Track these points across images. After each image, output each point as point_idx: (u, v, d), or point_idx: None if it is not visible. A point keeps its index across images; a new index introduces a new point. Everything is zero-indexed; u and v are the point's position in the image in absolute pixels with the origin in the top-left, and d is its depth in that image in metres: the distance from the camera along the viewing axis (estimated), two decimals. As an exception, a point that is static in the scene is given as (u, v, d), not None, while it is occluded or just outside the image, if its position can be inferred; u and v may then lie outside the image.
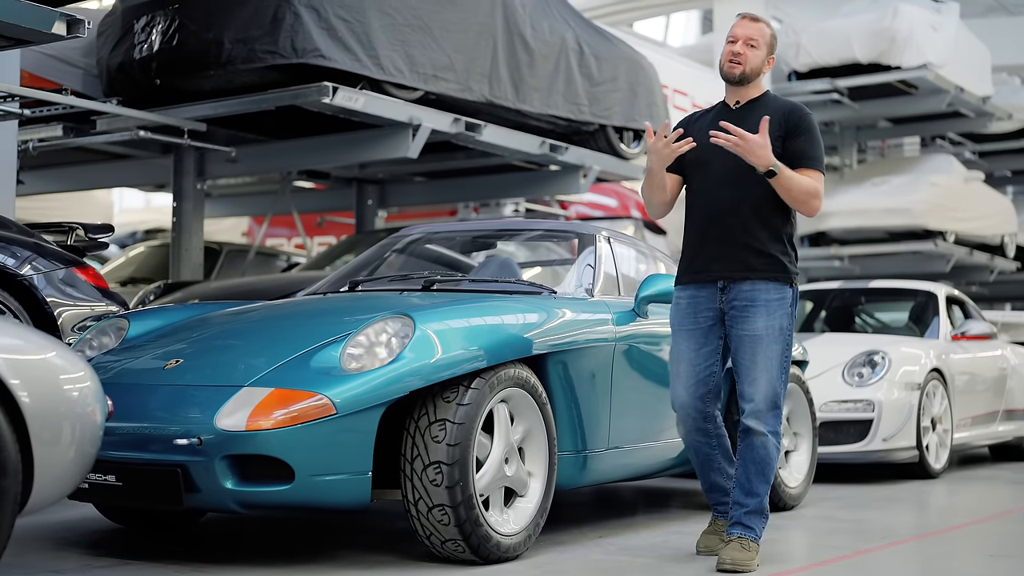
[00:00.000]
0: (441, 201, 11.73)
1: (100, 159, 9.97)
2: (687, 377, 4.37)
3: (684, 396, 4.38)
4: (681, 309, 4.42)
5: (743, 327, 4.28)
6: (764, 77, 4.43)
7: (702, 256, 4.36)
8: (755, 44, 4.33)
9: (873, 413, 7.35)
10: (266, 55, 7.02)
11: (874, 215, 15.03)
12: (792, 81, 15.58)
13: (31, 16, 5.52)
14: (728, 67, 4.35)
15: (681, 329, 4.40)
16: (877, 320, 9.82)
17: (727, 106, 4.44)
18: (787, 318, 4.30)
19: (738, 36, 4.35)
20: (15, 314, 5.24)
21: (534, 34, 8.56)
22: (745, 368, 4.29)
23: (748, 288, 4.27)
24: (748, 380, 4.29)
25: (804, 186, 4.21)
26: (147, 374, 4.30)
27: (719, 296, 4.32)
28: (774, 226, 4.30)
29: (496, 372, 4.21)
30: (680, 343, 4.40)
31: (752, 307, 4.27)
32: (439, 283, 5.17)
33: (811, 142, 4.31)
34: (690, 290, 4.39)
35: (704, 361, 4.36)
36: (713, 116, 4.44)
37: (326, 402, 3.86)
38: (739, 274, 4.29)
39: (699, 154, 4.32)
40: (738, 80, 4.34)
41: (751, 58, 4.34)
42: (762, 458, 4.30)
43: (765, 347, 4.26)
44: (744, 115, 4.33)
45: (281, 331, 4.51)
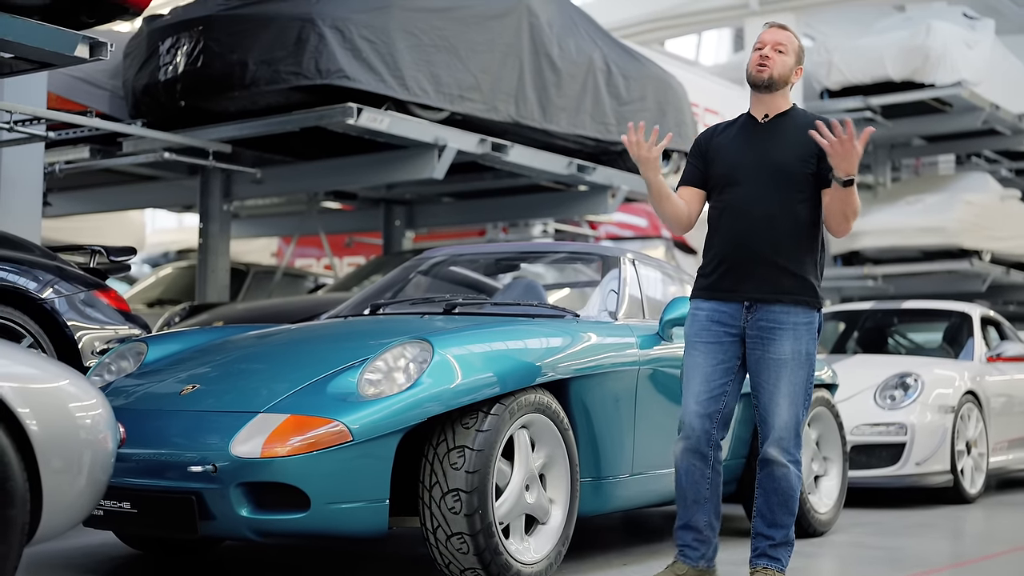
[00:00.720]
0: (469, 222, 11.69)
1: (128, 180, 10.01)
2: (699, 392, 4.15)
3: (692, 411, 4.15)
4: (700, 321, 4.22)
5: (768, 350, 4.12)
6: (791, 90, 4.30)
7: (731, 275, 4.17)
8: (783, 50, 4.20)
9: (906, 436, 7.22)
10: (290, 76, 7.01)
11: (908, 234, 14.85)
12: (824, 99, 15.46)
13: (54, 39, 5.52)
14: (756, 71, 4.19)
15: (699, 341, 4.20)
16: (910, 341, 9.68)
17: (753, 119, 4.28)
18: (813, 343, 4.17)
19: (766, 41, 4.23)
20: (35, 338, 5.22)
21: (561, 54, 8.51)
22: (768, 394, 4.13)
23: (779, 311, 4.12)
24: (771, 407, 4.13)
25: (856, 204, 4.07)
26: (164, 399, 4.26)
27: (743, 315, 4.16)
28: (806, 247, 4.16)
29: (516, 398, 4.14)
30: (696, 356, 4.19)
31: (780, 330, 4.12)
32: (460, 306, 5.10)
33: None
34: (711, 304, 4.21)
35: (720, 377, 4.16)
36: (739, 129, 4.30)
37: (342, 429, 3.81)
38: (771, 296, 4.12)
39: (726, 169, 4.21)
40: (766, 85, 4.18)
41: (779, 63, 4.19)
42: (784, 490, 4.15)
43: (790, 373, 4.11)
44: (772, 129, 4.22)
45: (299, 356, 4.46)
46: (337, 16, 7.04)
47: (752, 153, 4.18)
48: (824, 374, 6.10)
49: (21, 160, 7.02)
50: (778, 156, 4.15)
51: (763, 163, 4.15)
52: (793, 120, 4.22)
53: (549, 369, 4.34)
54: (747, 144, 4.21)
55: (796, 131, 4.16)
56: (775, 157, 4.15)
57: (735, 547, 4.85)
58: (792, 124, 4.19)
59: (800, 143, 4.12)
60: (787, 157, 4.13)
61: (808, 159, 4.10)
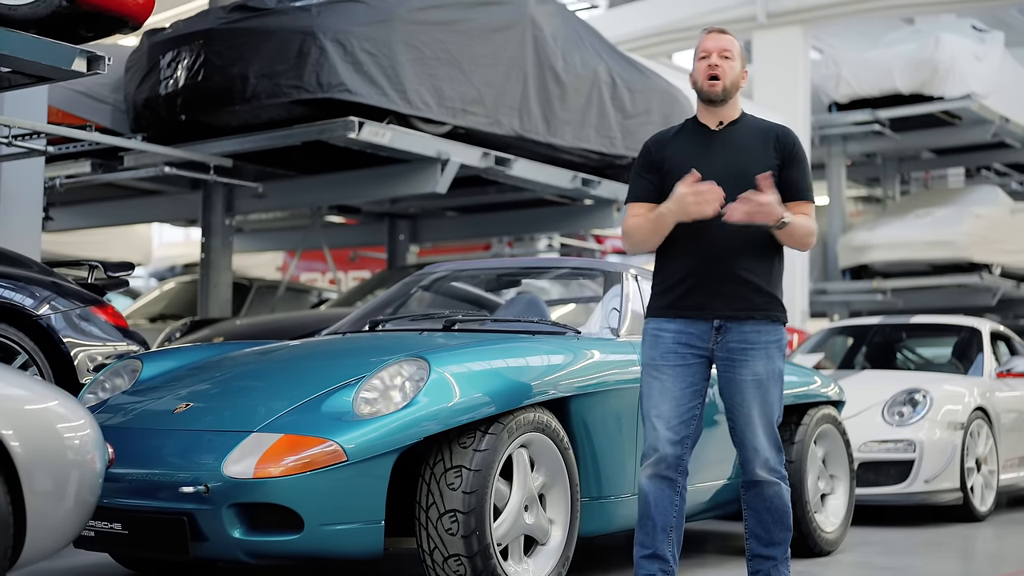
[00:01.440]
0: (473, 236, 11.64)
1: (131, 195, 9.97)
2: (670, 417, 3.95)
3: (664, 436, 3.95)
4: (664, 343, 3.99)
5: (740, 372, 3.95)
6: (739, 95, 4.08)
7: (699, 292, 3.97)
8: (729, 55, 4.00)
9: (914, 454, 7.12)
10: (291, 90, 6.96)
11: (917, 248, 14.78)
12: (833, 112, 15.44)
13: (51, 53, 5.47)
14: (709, 85, 3.97)
15: (665, 365, 3.98)
16: (919, 356, 9.58)
17: (703, 126, 4.06)
18: (783, 360, 4.04)
19: (710, 49, 3.99)
20: (30, 355, 5.17)
21: (565, 67, 8.45)
22: (745, 416, 3.97)
23: (749, 329, 3.94)
24: (750, 428, 3.98)
25: (803, 229, 3.93)
26: (157, 418, 4.21)
27: (712, 335, 3.97)
28: (772, 262, 4.02)
29: (515, 416, 4.08)
30: (664, 380, 3.97)
31: (751, 350, 3.94)
32: (460, 323, 5.04)
33: (805, 172, 4.05)
34: (677, 324, 3.99)
35: (690, 400, 3.98)
36: (692, 139, 4.09)
37: (336, 448, 3.74)
38: (743, 313, 3.94)
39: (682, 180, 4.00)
40: (721, 98, 3.97)
41: (729, 71, 3.97)
42: (778, 507, 4.02)
43: (766, 392, 3.96)
44: (728, 138, 4.03)
45: (294, 374, 4.40)
46: (339, 29, 6.99)
47: (711, 164, 3.97)
48: (831, 391, 6.02)
49: (21, 175, 6.97)
50: (741, 166, 3.96)
51: (726, 174, 3.93)
52: (748, 128, 4.04)
53: (549, 387, 4.27)
54: (704, 154, 4.01)
55: (753, 139, 4.01)
56: (738, 167, 3.96)
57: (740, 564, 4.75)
58: (748, 132, 4.02)
59: (760, 151, 3.98)
60: (750, 167, 3.93)
61: (771, 168, 3.93)
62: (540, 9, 8.30)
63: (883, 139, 15.78)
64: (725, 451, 5.27)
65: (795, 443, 5.58)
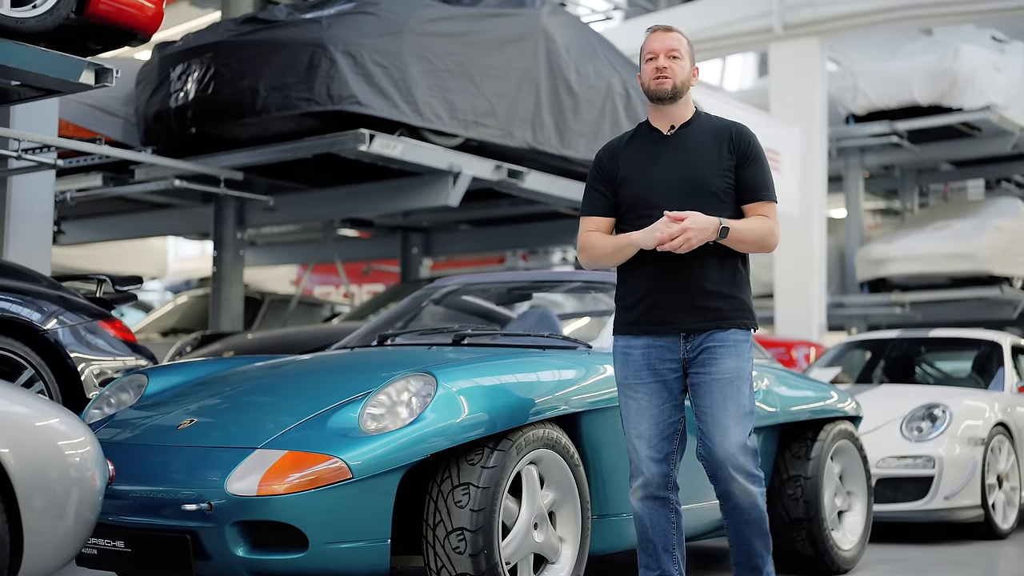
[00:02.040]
0: (487, 249, 11.60)
1: (143, 208, 9.96)
2: (651, 436, 3.87)
3: (646, 456, 3.87)
4: (635, 361, 3.90)
5: (710, 371, 3.83)
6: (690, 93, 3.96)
7: (663, 305, 3.86)
8: (677, 55, 3.86)
9: (934, 470, 7.00)
10: (301, 102, 6.92)
11: (936, 260, 14.64)
12: (850, 124, 15.33)
13: (59, 66, 5.46)
14: (656, 84, 3.85)
15: (638, 383, 3.89)
16: (938, 370, 9.45)
17: (655, 131, 3.94)
18: (751, 361, 3.93)
19: (657, 50, 3.87)
20: (37, 369, 5.12)
21: (579, 79, 8.39)
22: (712, 416, 3.82)
23: (717, 334, 3.85)
24: (720, 430, 3.81)
25: (756, 232, 3.84)
26: (161, 434, 4.15)
27: (682, 345, 3.87)
28: (735, 267, 3.91)
29: (524, 433, 4.01)
30: (640, 399, 3.89)
31: (720, 348, 3.83)
32: (469, 337, 4.97)
33: (762, 170, 3.91)
34: (644, 340, 3.89)
35: (668, 417, 3.88)
36: (643, 145, 3.97)
37: (341, 465, 3.68)
38: (711, 323, 3.84)
39: (640, 191, 3.88)
40: (670, 97, 3.85)
41: (677, 71, 3.85)
42: (756, 518, 3.88)
43: (735, 392, 3.84)
44: (681, 141, 3.91)
45: (300, 389, 4.34)
46: (349, 41, 6.95)
47: (664, 170, 3.88)
48: (847, 406, 5.92)
49: (31, 188, 6.96)
50: (694, 170, 3.86)
51: (679, 180, 3.85)
52: (701, 129, 3.91)
53: (558, 403, 4.21)
54: (657, 161, 3.91)
55: (707, 141, 3.88)
56: (691, 171, 3.86)
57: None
58: (701, 134, 3.89)
59: (714, 153, 3.87)
60: (703, 170, 3.84)
61: (725, 170, 3.84)
62: (553, 21, 8.25)
63: (901, 151, 15.67)
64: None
65: (811, 459, 5.49)
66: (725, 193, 3.86)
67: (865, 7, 14.47)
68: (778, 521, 5.44)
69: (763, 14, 15.02)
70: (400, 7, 7.34)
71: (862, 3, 14.47)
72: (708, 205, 3.81)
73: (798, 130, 13.49)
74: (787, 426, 5.55)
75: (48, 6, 5.27)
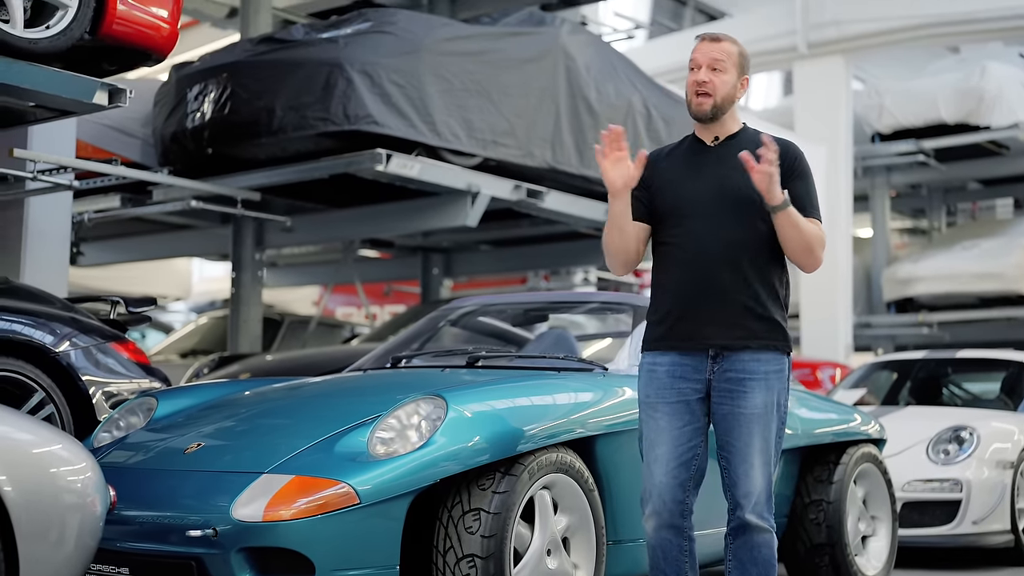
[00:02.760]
0: (508, 270, 11.52)
1: (162, 229, 9.94)
2: (667, 460, 3.68)
3: (662, 482, 3.68)
4: (658, 379, 3.72)
5: (739, 404, 3.64)
6: (736, 106, 3.81)
7: (690, 319, 3.68)
8: (721, 67, 3.68)
9: (961, 493, 6.85)
10: (318, 122, 6.87)
11: (964, 280, 14.48)
12: (876, 143, 15.22)
13: (72, 86, 5.43)
14: (697, 103, 3.70)
15: (661, 402, 3.70)
16: (966, 392, 9.30)
17: (699, 142, 3.80)
18: (785, 393, 3.73)
19: (699, 62, 3.69)
20: (48, 392, 5.07)
21: (599, 97, 8.32)
22: (740, 453, 3.64)
23: (748, 358, 3.64)
24: (744, 467, 3.63)
25: (809, 231, 3.65)
26: (168, 458, 4.10)
27: (708, 365, 3.68)
28: (773, 285, 3.73)
29: (537, 457, 3.93)
30: (659, 419, 3.70)
31: (750, 380, 3.63)
32: (484, 359, 4.89)
33: (809, 188, 3.75)
34: (670, 356, 3.71)
35: (688, 441, 3.68)
36: (685, 154, 3.81)
37: (349, 491, 3.61)
38: (739, 342, 3.64)
39: (676, 200, 3.72)
40: (711, 116, 3.71)
41: (720, 85, 3.69)
42: (766, 558, 3.70)
43: (763, 428, 3.66)
44: (724, 153, 3.77)
45: (309, 413, 4.29)
46: (366, 61, 6.91)
47: (705, 181, 3.74)
48: (871, 428, 5.81)
49: (48, 209, 6.93)
50: (736, 182, 3.69)
51: (719, 191, 3.71)
52: (746, 142, 3.72)
53: (573, 426, 4.13)
54: (698, 171, 3.77)
55: (752, 154, 3.70)
56: (733, 183, 3.70)
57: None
58: (746, 146, 3.71)
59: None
60: (746, 183, 3.64)
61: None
62: (572, 39, 8.19)
63: (928, 170, 15.54)
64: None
65: (834, 483, 5.38)
66: (765, 209, 3.66)
67: (891, 25, 14.37)
68: (800, 547, 5.34)
69: (787, 33, 14.93)
70: (417, 26, 7.29)
71: (887, 21, 14.37)
72: (746, 219, 3.66)
73: (823, 149, 13.38)
74: (809, 449, 5.45)
75: (61, 27, 5.24)
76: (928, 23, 14.23)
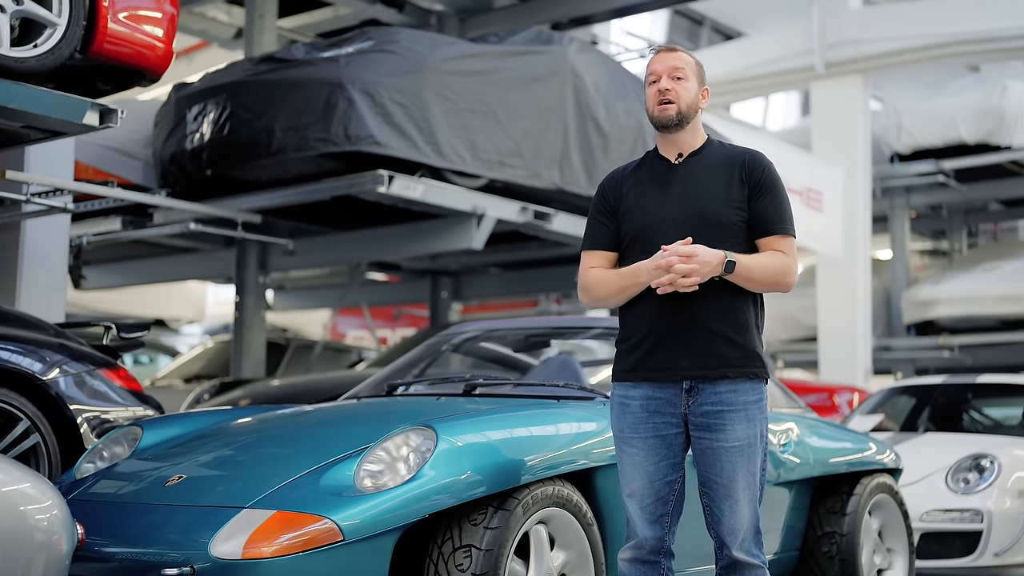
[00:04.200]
0: (517, 293, 11.35)
1: (166, 252, 9.82)
2: (644, 496, 3.51)
3: (639, 517, 3.53)
4: (633, 413, 3.53)
5: (719, 437, 3.45)
6: (699, 118, 3.63)
7: (662, 348, 3.49)
8: (682, 75, 3.53)
9: (982, 524, 6.63)
10: (318, 143, 6.72)
11: (985, 303, 14.24)
12: (894, 163, 15.02)
13: (61, 106, 5.30)
14: (660, 111, 3.53)
15: (635, 437, 3.52)
16: (987, 418, 9.06)
17: (663, 159, 3.61)
18: (766, 423, 3.55)
19: (659, 72, 3.55)
20: (33, 421, 4.92)
21: (608, 117, 8.14)
22: (723, 489, 3.46)
23: (724, 389, 3.46)
24: (729, 503, 3.46)
25: (768, 268, 3.48)
26: (148, 491, 3.93)
27: (683, 399, 3.49)
28: (747, 312, 3.54)
29: (532, 490, 3.76)
30: (635, 454, 3.53)
31: (729, 412, 3.45)
32: (481, 387, 4.73)
33: (779, 201, 3.54)
34: (643, 389, 3.52)
35: (665, 476, 3.51)
36: (649, 174, 3.65)
37: (332, 527, 3.44)
38: (715, 371, 3.45)
39: (642, 224, 3.54)
40: (676, 123, 3.53)
41: (683, 92, 3.53)
42: None
43: (747, 461, 3.48)
44: (689, 170, 3.58)
45: (296, 444, 4.12)
46: (367, 80, 6.76)
47: (673, 202, 3.55)
48: (886, 457, 5.61)
49: (45, 233, 6.81)
50: (703, 202, 3.52)
51: (686, 212, 3.52)
52: (712, 157, 3.58)
53: (570, 458, 3.96)
54: (664, 192, 3.58)
55: (717, 169, 3.55)
56: (700, 203, 3.52)
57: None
58: (712, 162, 3.55)
59: (724, 183, 3.53)
60: (712, 201, 3.51)
61: (737, 201, 3.50)
62: (581, 59, 8.03)
63: (948, 190, 15.33)
64: (770, 522, 4.91)
65: (847, 514, 5.19)
66: (736, 226, 3.50)
67: (909, 44, 14.21)
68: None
69: (805, 52, 14.79)
70: (421, 45, 7.14)
71: (906, 40, 14.20)
72: (716, 239, 3.46)
73: (841, 170, 13.20)
74: (821, 479, 5.25)
75: (49, 45, 5.11)
76: (947, 42, 14.06)
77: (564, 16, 10.22)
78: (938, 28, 14.00)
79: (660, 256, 3.42)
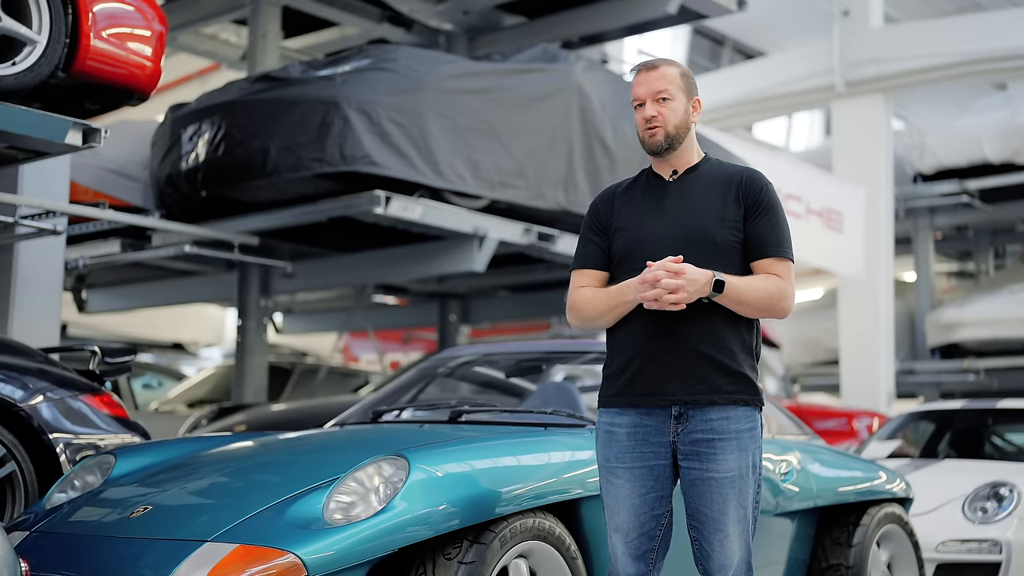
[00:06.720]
0: (525, 316, 11.16)
1: (168, 275, 9.69)
2: (628, 530, 3.34)
3: (622, 552, 3.37)
4: (619, 441, 3.36)
5: (709, 467, 3.28)
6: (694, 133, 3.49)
7: (650, 373, 3.32)
8: (667, 95, 3.38)
9: (1001, 555, 6.36)
10: (313, 163, 6.58)
11: (1012, 325, 13.95)
12: (918, 184, 14.78)
13: (42, 126, 5.19)
14: (650, 138, 3.39)
15: (620, 467, 3.36)
16: (1010, 443, 8.79)
17: (657, 177, 3.48)
18: (759, 452, 3.37)
19: (642, 97, 3.41)
20: (8, 448, 4.78)
21: (615, 137, 7.96)
22: (713, 522, 3.29)
23: (715, 416, 3.29)
24: (719, 538, 3.29)
25: (761, 292, 3.31)
26: (111, 524, 3.78)
27: (672, 426, 3.33)
28: (741, 336, 3.37)
29: (510, 523, 3.60)
30: (620, 486, 3.36)
31: (720, 441, 3.28)
32: (467, 414, 4.55)
33: (776, 222, 3.39)
34: (630, 416, 3.35)
35: (652, 509, 3.34)
36: (643, 192, 3.52)
37: (296, 561, 3.28)
38: (704, 397, 3.29)
39: (633, 243, 3.41)
40: (667, 147, 3.40)
41: (669, 115, 3.38)
42: None
43: (739, 493, 3.30)
44: (684, 188, 3.45)
45: (266, 473, 3.95)
46: (364, 99, 6.61)
47: (665, 221, 3.40)
48: (896, 487, 5.40)
49: (38, 255, 6.70)
50: (697, 221, 3.37)
51: (679, 231, 3.37)
52: (708, 175, 3.45)
53: (555, 488, 3.80)
54: (657, 210, 3.44)
55: (713, 188, 3.42)
56: (694, 222, 3.37)
57: None
58: (707, 180, 3.43)
59: (719, 202, 3.39)
60: (708, 221, 3.37)
61: (732, 221, 3.35)
62: (587, 77, 7.85)
63: (973, 211, 15.06)
64: (772, 553, 4.71)
65: (853, 546, 4.99)
66: (731, 247, 3.35)
67: (932, 63, 13.97)
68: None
69: (825, 71, 14.58)
70: (419, 63, 6.99)
71: (929, 59, 13.97)
72: (710, 260, 3.30)
73: (862, 190, 12.96)
74: (827, 509, 5.04)
75: (28, 63, 5.00)
76: (971, 59, 13.82)
77: (575, 34, 10.04)
78: (959, 46, 13.78)
79: (647, 271, 3.26)
